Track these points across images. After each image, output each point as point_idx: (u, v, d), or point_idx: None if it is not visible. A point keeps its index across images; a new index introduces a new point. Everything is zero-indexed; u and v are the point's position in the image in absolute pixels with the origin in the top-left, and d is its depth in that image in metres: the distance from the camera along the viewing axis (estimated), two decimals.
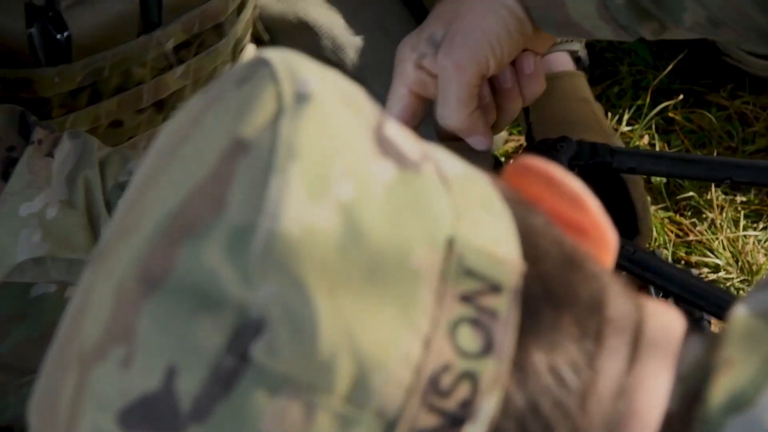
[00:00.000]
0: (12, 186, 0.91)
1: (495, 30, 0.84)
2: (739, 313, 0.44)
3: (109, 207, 0.94)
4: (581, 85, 0.99)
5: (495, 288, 0.41)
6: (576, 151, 0.89)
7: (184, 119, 0.44)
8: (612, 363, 0.43)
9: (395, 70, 0.90)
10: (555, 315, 0.42)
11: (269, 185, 0.38)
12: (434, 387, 0.39)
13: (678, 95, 1.82)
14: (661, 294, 0.93)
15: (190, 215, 0.39)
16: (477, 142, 0.87)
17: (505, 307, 0.40)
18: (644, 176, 1.75)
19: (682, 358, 0.45)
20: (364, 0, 1.16)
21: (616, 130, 1.83)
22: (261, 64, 0.42)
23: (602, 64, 1.89)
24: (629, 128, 1.82)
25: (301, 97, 0.40)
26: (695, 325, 0.49)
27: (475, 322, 0.40)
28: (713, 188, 1.74)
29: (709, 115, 1.82)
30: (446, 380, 0.39)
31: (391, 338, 0.38)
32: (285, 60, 0.42)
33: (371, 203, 0.39)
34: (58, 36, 0.98)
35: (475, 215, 0.42)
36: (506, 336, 0.40)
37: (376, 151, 0.41)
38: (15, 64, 0.99)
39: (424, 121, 0.93)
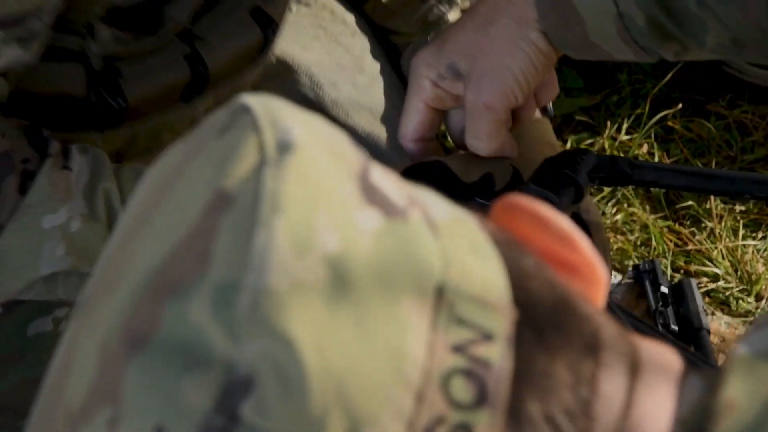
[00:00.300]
0: (32, 197, 0.90)
1: (521, 67, 0.85)
2: (740, 352, 0.44)
3: None
4: (547, 130, 1.03)
5: (487, 336, 0.40)
6: (596, 163, 0.90)
7: (167, 168, 0.44)
8: (608, 409, 0.42)
9: (411, 84, 0.91)
10: (548, 361, 0.41)
11: (254, 240, 0.38)
12: None
13: (677, 104, 1.82)
14: None
15: (174, 271, 0.39)
16: (502, 154, 0.89)
17: (498, 356, 0.40)
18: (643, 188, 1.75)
19: (682, 399, 0.44)
20: (338, 38, 1.17)
21: (615, 138, 1.83)
22: (242, 111, 0.41)
23: (601, 73, 1.89)
24: (628, 137, 1.82)
25: (284, 147, 0.40)
26: (692, 363, 0.48)
27: (467, 373, 0.39)
28: (712, 197, 1.74)
29: (708, 125, 1.81)
30: None
31: (383, 392, 0.38)
32: (266, 107, 0.41)
33: (358, 254, 0.39)
34: (113, 102, 1.00)
35: (464, 261, 0.41)
36: (500, 386, 0.40)
37: (362, 199, 0.40)
38: (65, 127, 1.00)
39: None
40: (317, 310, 0.38)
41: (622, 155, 1.79)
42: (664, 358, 0.46)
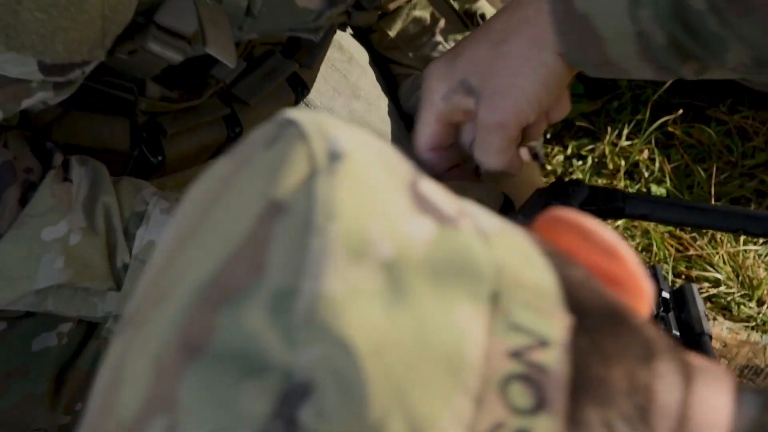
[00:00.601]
0: (33, 208, 0.90)
1: (534, 88, 0.86)
2: None
3: (127, 235, 0.93)
4: (535, 174, 1.05)
5: (543, 342, 0.40)
6: (588, 195, 0.90)
7: (212, 183, 0.44)
8: (665, 418, 0.42)
9: (423, 97, 0.92)
10: (604, 368, 0.41)
11: (309, 247, 0.38)
12: None
13: (678, 110, 1.82)
14: None
15: (228, 280, 0.39)
16: (509, 170, 0.90)
17: (554, 361, 0.40)
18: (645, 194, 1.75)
19: (738, 414, 0.44)
20: (334, 64, 1.18)
21: (616, 144, 1.83)
22: (288, 123, 0.42)
23: (602, 79, 1.89)
24: (629, 143, 1.82)
25: (335, 156, 0.40)
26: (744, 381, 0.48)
27: (525, 378, 0.39)
28: (713, 203, 1.74)
29: (709, 130, 1.82)
30: None
31: (443, 398, 0.37)
32: (313, 119, 0.42)
33: (413, 261, 0.39)
34: (153, 159, 1.02)
35: (516, 268, 0.41)
36: (558, 391, 0.39)
37: (414, 208, 0.40)
38: None
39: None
40: (374, 315, 0.37)
41: (622, 161, 1.80)
42: (717, 371, 0.46)
